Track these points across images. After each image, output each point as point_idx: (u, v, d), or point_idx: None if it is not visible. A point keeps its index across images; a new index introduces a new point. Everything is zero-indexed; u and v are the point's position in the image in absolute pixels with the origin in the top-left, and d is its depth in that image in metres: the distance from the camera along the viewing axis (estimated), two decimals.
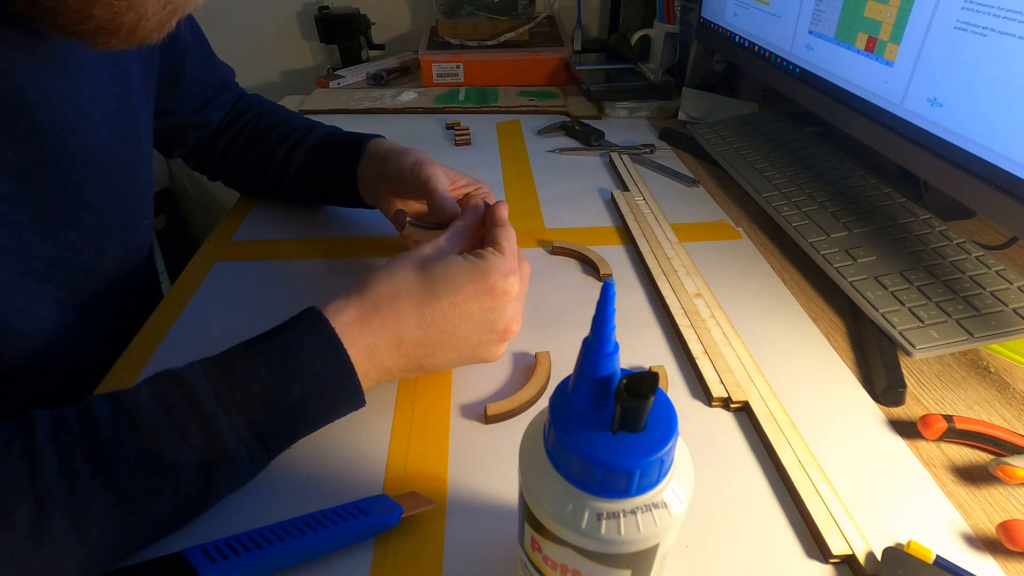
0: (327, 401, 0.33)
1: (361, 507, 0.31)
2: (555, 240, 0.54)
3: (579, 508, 0.19)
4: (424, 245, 0.37)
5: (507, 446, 0.36)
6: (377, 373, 0.34)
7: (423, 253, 0.36)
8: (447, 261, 0.35)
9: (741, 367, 0.41)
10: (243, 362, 0.31)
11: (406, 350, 0.34)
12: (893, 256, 0.47)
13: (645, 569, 0.21)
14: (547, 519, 0.20)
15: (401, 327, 0.34)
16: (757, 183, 0.61)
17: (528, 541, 0.23)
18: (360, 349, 0.33)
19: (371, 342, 0.33)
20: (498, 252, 0.37)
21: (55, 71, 0.36)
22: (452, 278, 0.35)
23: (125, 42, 0.31)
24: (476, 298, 0.35)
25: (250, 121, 0.59)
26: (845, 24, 0.52)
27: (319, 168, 0.55)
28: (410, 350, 0.34)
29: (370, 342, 0.33)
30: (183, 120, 0.56)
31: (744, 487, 0.34)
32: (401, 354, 0.34)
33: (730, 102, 0.84)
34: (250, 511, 0.32)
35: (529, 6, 0.98)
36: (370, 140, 0.52)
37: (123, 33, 0.30)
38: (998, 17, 0.38)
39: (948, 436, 0.36)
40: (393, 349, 0.34)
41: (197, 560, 0.27)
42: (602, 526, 0.19)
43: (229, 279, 0.51)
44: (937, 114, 0.43)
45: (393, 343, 0.34)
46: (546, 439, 0.20)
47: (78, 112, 0.38)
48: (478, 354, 0.37)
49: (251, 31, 1.16)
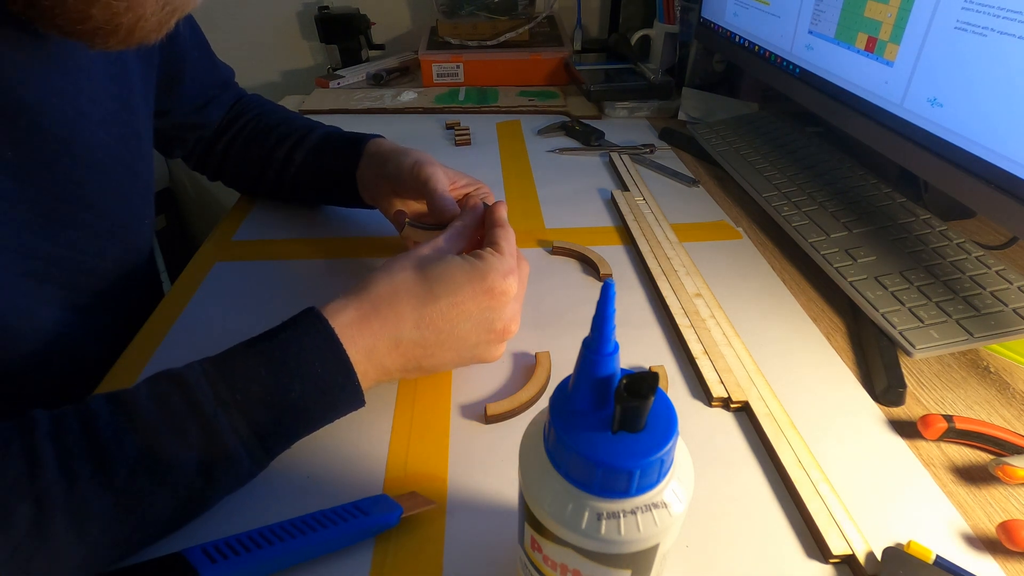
0: (327, 401, 0.33)
1: (361, 507, 0.31)
2: (555, 240, 0.54)
3: (579, 508, 0.19)
4: (423, 245, 0.37)
5: (507, 446, 0.36)
6: (376, 373, 0.34)
7: (422, 253, 0.36)
8: (445, 262, 0.35)
9: (741, 367, 0.41)
10: (243, 362, 0.31)
11: (405, 350, 0.34)
12: (893, 256, 0.47)
13: (645, 569, 0.21)
14: (547, 519, 0.20)
15: (400, 328, 0.34)
16: (757, 183, 0.61)
17: (528, 541, 0.23)
18: (359, 349, 0.33)
19: (370, 343, 0.33)
20: (497, 252, 0.37)
21: (55, 71, 0.36)
22: (451, 278, 0.34)
23: (123, 43, 0.31)
24: (475, 298, 0.35)
25: (250, 121, 0.59)
26: (845, 24, 0.52)
27: (319, 168, 0.55)
28: (409, 350, 0.35)
29: (369, 343, 0.33)
30: (183, 120, 0.56)
31: (744, 487, 0.34)
32: (400, 354, 0.34)
33: (730, 102, 0.84)
34: (250, 511, 0.32)
35: (529, 6, 0.98)
36: (370, 140, 0.52)
37: (121, 34, 0.30)
38: (998, 17, 0.38)
39: (948, 436, 0.36)
40: (392, 349, 0.34)
41: (197, 560, 0.27)
42: (602, 526, 0.19)
43: (229, 279, 0.51)
44: (937, 114, 0.43)
45: (392, 343, 0.34)
46: (546, 439, 0.20)
47: (78, 112, 0.38)
48: (477, 354, 0.37)
49: (251, 31, 1.16)
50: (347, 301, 0.34)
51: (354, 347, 0.33)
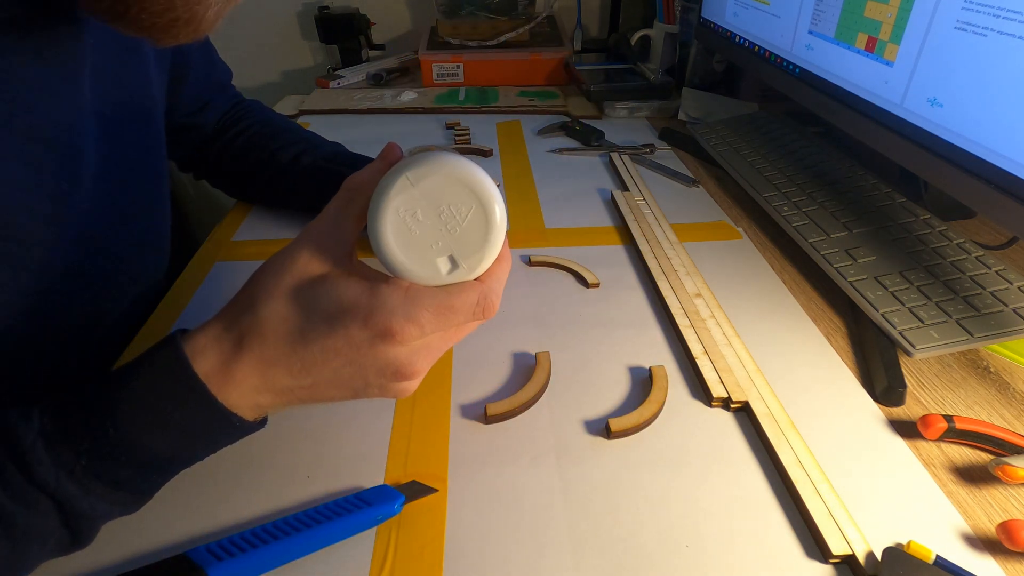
0: (202, 445, 0.29)
1: (363, 497, 0.31)
2: (534, 256, 0.53)
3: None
4: (309, 245, 0.30)
5: (507, 446, 0.36)
6: (260, 410, 0.29)
7: (306, 271, 0.28)
8: (327, 287, 0.27)
9: (741, 367, 0.41)
10: (85, 419, 0.26)
11: (286, 396, 0.29)
12: (893, 256, 0.47)
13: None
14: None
15: (270, 377, 0.28)
16: (757, 183, 0.61)
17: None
18: (228, 396, 0.27)
19: (239, 392, 0.28)
20: (397, 285, 0.28)
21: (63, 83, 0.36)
22: (327, 314, 0.27)
23: (193, 34, 0.30)
24: (354, 346, 0.27)
25: (253, 124, 0.60)
26: (845, 24, 0.52)
27: (328, 173, 0.55)
28: (291, 394, 0.29)
29: (238, 392, 0.28)
30: (182, 121, 0.56)
31: (744, 487, 0.34)
32: (282, 399, 0.29)
33: (730, 102, 0.84)
34: (250, 511, 0.32)
35: (529, 6, 0.98)
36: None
37: (195, 23, 0.29)
38: (998, 17, 0.38)
39: (948, 436, 0.36)
40: (269, 394, 0.28)
41: (202, 559, 0.28)
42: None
43: (229, 279, 0.51)
44: (937, 114, 0.43)
45: (264, 389, 0.28)
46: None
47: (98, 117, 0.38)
48: (375, 395, 0.30)
49: (251, 31, 1.16)
50: (207, 340, 0.28)
51: (223, 393, 0.27)
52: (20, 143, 0.32)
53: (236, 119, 0.60)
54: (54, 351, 0.39)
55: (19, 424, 0.26)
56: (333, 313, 0.27)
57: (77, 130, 0.36)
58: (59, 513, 0.26)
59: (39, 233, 0.34)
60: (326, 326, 0.27)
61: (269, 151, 0.57)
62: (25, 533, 0.25)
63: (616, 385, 0.40)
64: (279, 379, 0.28)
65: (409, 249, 0.27)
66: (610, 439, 0.36)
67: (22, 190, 0.33)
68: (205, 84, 0.57)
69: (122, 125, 0.41)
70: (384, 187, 0.26)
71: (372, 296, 0.27)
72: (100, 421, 0.26)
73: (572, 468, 0.35)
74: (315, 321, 0.27)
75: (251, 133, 0.59)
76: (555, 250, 0.54)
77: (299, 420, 0.37)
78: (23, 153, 0.32)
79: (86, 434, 0.26)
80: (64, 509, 0.26)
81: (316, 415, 0.38)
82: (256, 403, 0.28)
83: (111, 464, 0.26)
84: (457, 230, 0.27)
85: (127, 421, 0.26)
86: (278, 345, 0.27)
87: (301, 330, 0.27)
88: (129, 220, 0.43)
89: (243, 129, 0.59)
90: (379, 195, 0.26)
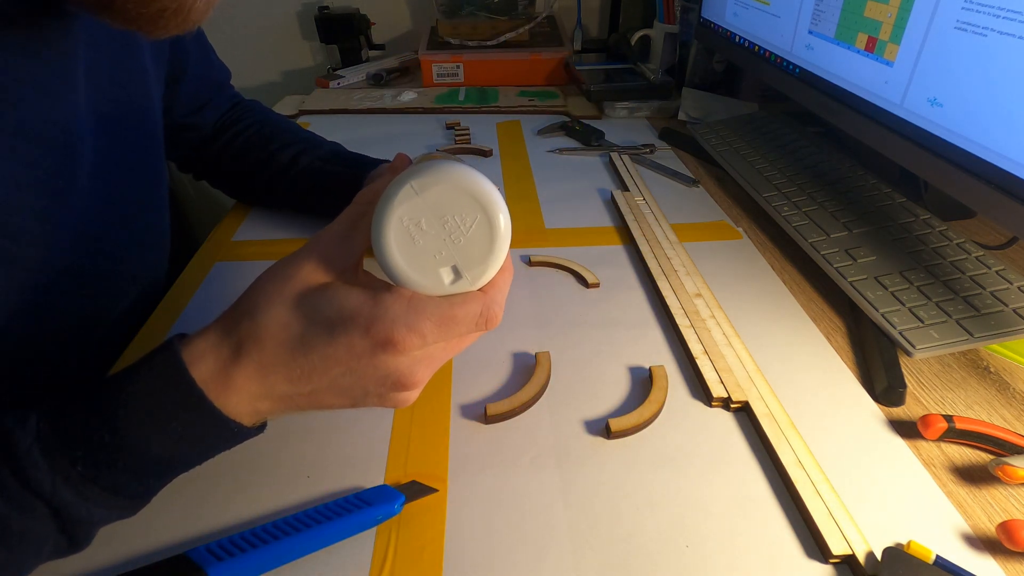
0: (200, 450, 0.28)
1: (363, 497, 0.31)
2: (534, 255, 0.54)
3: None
4: (318, 249, 0.29)
5: (507, 446, 0.36)
6: (259, 416, 0.29)
7: (309, 280, 0.28)
8: (330, 295, 0.27)
9: (741, 367, 0.41)
10: (82, 424, 0.26)
11: (285, 403, 0.29)
12: (893, 256, 0.47)
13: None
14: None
15: (269, 384, 0.27)
16: (757, 183, 0.61)
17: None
18: (227, 402, 0.27)
19: (238, 398, 0.27)
20: (399, 295, 0.27)
21: (56, 80, 0.36)
22: (327, 321, 0.27)
23: (181, 26, 0.29)
24: (355, 355, 0.27)
25: (252, 124, 0.59)
26: (845, 24, 0.52)
27: (326, 174, 0.55)
28: (290, 401, 0.28)
29: (236, 398, 0.27)
30: (180, 121, 0.56)
31: (744, 487, 0.34)
32: (281, 406, 0.29)
33: (730, 102, 0.84)
34: (251, 512, 0.32)
35: (529, 6, 0.98)
36: (384, 162, 0.53)
37: (183, 14, 0.29)
38: (998, 17, 0.38)
39: (948, 436, 0.36)
40: (268, 401, 0.28)
41: (202, 559, 0.28)
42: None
43: (229, 279, 0.51)
44: (937, 114, 0.43)
45: (263, 396, 0.28)
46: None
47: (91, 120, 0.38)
48: (374, 404, 0.30)
49: (251, 31, 1.16)
50: (206, 346, 0.27)
51: (220, 400, 0.27)
52: (10, 139, 0.32)
53: (235, 119, 0.60)
54: (54, 351, 0.39)
55: (15, 428, 0.25)
56: (334, 321, 0.26)
57: (72, 127, 0.36)
58: (55, 518, 0.26)
59: (35, 230, 0.34)
60: (327, 334, 0.27)
61: (268, 151, 0.57)
62: (21, 538, 0.25)
63: (616, 385, 0.40)
64: (278, 386, 0.27)
65: (412, 258, 0.27)
66: (610, 439, 0.36)
67: (15, 186, 0.32)
68: (203, 84, 0.57)
69: (119, 123, 0.41)
70: (389, 196, 0.26)
71: (374, 305, 0.26)
72: (97, 426, 0.26)
73: (572, 468, 0.35)
74: (316, 329, 0.27)
75: (250, 133, 0.59)
76: (555, 250, 0.54)
77: (300, 420, 0.37)
78: (15, 149, 0.32)
79: (83, 439, 0.26)
80: (60, 514, 0.25)
81: (317, 416, 0.38)
82: (255, 409, 0.28)
83: (108, 470, 0.26)
84: (461, 240, 0.26)
85: (124, 427, 0.26)
86: (278, 352, 0.27)
87: (301, 337, 0.27)
88: (128, 219, 0.43)
89: (242, 129, 0.59)
90: (383, 203, 0.26)
